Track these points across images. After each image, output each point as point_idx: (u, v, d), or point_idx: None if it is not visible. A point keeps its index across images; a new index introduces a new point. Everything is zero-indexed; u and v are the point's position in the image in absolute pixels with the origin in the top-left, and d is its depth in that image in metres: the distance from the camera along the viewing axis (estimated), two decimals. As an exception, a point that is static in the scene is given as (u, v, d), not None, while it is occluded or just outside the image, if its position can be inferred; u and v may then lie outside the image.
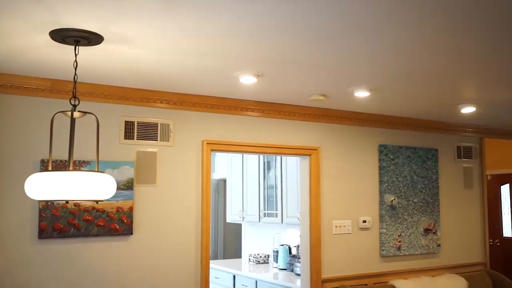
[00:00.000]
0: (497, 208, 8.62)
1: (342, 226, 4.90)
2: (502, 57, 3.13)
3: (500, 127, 6.06)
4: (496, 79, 3.73)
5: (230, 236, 7.99)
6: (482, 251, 6.00)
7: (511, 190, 8.46)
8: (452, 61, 3.23)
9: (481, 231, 6.02)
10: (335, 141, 4.96)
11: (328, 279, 4.74)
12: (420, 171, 5.45)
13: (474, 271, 5.72)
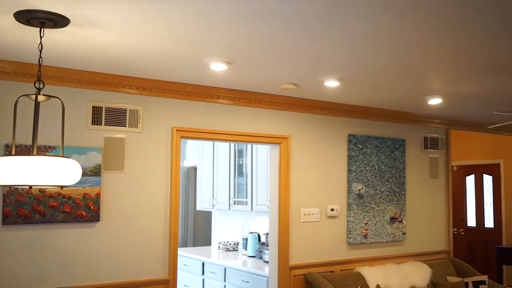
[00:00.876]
0: (462, 198, 8.85)
1: (311, 214, 4.96)
2: (468, 50, 3.20)
3: (466, 119, 6.20)
4: (462, 72, 3.80)
5: (200, 223, 8.00)
6: (446, 239, 6.15)
7: (476, 181, 8.69)
8: (419, 54, 3.28)
9: (445, 220, 6.17)
10: (305, 130, 5.00)
11: (295, 266, 4.80)
12: (387, 161, 5.54)
13: (438, 259, 5.87)
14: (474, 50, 3.20)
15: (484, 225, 8.55)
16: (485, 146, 8.33)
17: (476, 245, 8.58)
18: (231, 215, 6.76)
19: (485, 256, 8.40)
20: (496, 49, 3.18)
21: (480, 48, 3.15)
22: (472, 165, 8.69)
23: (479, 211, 8.63)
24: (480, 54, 3.31)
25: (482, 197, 8.58)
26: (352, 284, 4.79)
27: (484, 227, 8.54)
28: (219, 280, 5.63)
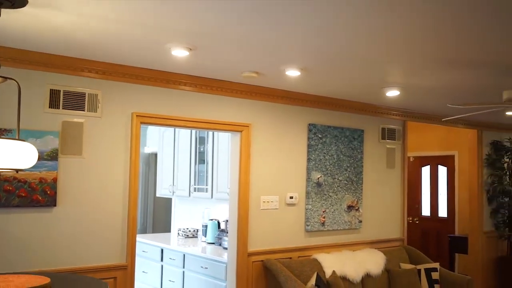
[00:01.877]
0: (418, 188, 9.12)
1: (270, 202, 5.02)
2: (424, 44, 3.30)
3: (422, 111, 6.38)
4: (418, 65, 3.92)
5: (160, 210, 7.97)
6: (400, 228, 6.34)
7: (431, 171, 8.96)
8: (377, 46, 3.36)
9: (400, 209, 6.35)
10: (266, 119, 5.05)
11: (254, 253, 4.87)
12: (346, 150, 5.66)
13: (392, 247, 6.05)
14: (429, 44, 3.30)
15: (438, 215, 8.84)
16: (440, 138, 8.59)
17: (430, 233, 8.87)
18: (191, 202, 6.77)
19: (438, 244, 8.70)
20: (449, 44, 3.29)
21: (434, 42, 3.26)
22: (428, 156, 8.96)
23: (434, 201, 8.92)
24: (435, 48, 3.41)
25: (437, 187, 8.86)
26: (309, 270, 4.89)
27: (438, 216, 8.83)
28: (178, 266, 5.65)
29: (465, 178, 7.89)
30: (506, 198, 7.46)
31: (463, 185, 8.15)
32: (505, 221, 7.45)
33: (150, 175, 7.94)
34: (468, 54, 3.55)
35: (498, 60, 3.70)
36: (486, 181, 7.46)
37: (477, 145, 7.41)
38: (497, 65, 3.85)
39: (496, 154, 7.50)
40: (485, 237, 7.40)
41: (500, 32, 3.03)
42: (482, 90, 4.80)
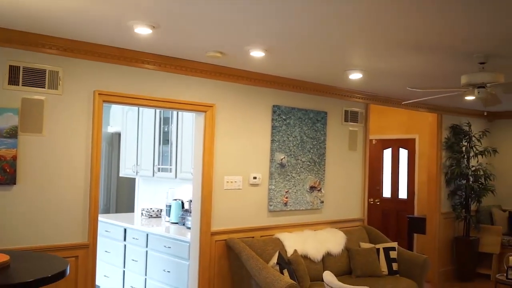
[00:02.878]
0: (380, 170, 9.32)
1: (233, 182, 5.07)
2: (388, 27, 3.36)
3: (384, 95, 6.50)
4: (380, 49, 3.99)
5: (123, 190, 7.92)
6: (361, 208, 6.50)
7: (392, 154, 9.17)
8: (340, 28, 3.40)
9: (361, 190, 6.50)
10: (231, 99, 5.06)
11: (217, 232, 4.91)
12: (309, 132, 5.73)
13: (353, 226, 6.20)
14: (392, 28, 3.37)
15: (398, 196, 9.08)
16: (402, 122, 8.79)
17: (390, 214, 9.12)
18: (155, 182, 6.76)
19: (398, 224, 8.96)
20: (411, 28, 3.36)
21: (397, 26, 3.33)
22: (390, 139, 9.16)
23: (394, 183, 9.15)
24: (397, 33, 3.49)
25: (398, 169, 9.09)
26: (271, 249, 4.97)
27: (398, 198, 9.08)
28: (141, 246, 5.65)
29: (425, 161, 8.11)
30: (463, 180, 7.71)
31: (422, 167, 8.39)
32: (462, 203, 7.71)
33: (113, 155, 7.87)
34: (429, 39, 3.64)
35: (458, 45, 3.81)
36: (444, 164, 7.69)
37: (437, 128, 7.62)
38: (457, 51, 3.96)
39: (455, 138, 7.73)
40: (442, 218, 7.65)
41: (461, 18, 3.12)
42: (442, 75, 4.93)
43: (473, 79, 4.04)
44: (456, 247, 7.77)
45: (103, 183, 7.74)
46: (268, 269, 4.53)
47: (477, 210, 8.00)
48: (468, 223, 7.65)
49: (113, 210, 7.87)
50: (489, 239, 7.78)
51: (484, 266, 7.85)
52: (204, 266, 4.81)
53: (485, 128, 8.18)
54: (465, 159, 7.69)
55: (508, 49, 3.87)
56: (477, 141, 7.76)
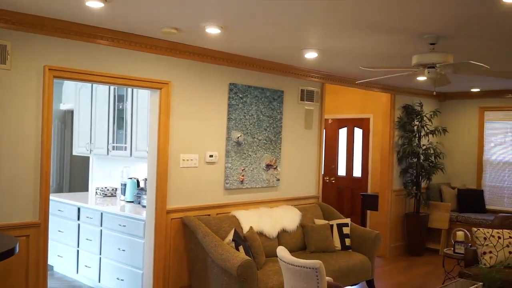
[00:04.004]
0: (335, 149, 9.49)
1: (189, 160, 5.05)
2: (343, 7, 3.39)
3: (339, 74, 6.59)
4: (336, 28, 4.03)
5: (77, 169, 7.77)
6: (316, 186, 6.61)
7: (347, 133, 9.34)
8: (295, 6, 3.41)
9: (316, 168, 6.61)
10: (187, 77, 5.01)
11: (173, 210, 4.91)
12: (266, 110, 5.76)
13: (308, 204, 6.32)
14: (346, 8, 3.40)
15: (353, 175, 9.28)
16: (357, 102, 8.94)
17: (345, 192, 9.33)
18: (109, 161, 6.66)
19: (352, 202, 9.18)
20: (365, 8, 3.41)
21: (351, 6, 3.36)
22: (345, 119, 9.31)
23: (349, 161, 9.34)
24: (352, 13, 3.53)
25: (353, 148, 9.27)
26: (227, 226, 5.01)
27: (353, 176, 9.28)
28: (95, 225, 5.58)
29: (379, 140, 8.30)
30: (414, 159, 7.95)
31: (376, 146, 8.59)
32: (413, 180, 7.97)
33: (66, 133, 7.68)
34: (383, 20, 3.70)
35: (410, 26, 3.89)
36: (397, 143, 7.91)
37: (390, 108, 7.80)
38: (409, 32, 4.05)
39: (407, 117, 7.94)
40: (394, 195, 7.89)
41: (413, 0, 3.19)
42: (395, 55, 5.03)
43: (423, 60, 4.15)
44: (406, 223, 8.05)
45: (56, 162, 7.57)
46: (224, 246, 4.57)
47: (427, 187, 8.29)
48: (419, 200, 7.92)
49: (66, 190, 7.72)
50: (438, 215, 8.09)
51: (433, 241, 8.17)
52: (159, 244, 4.81)
53: (436, 108, 8.43)
54: (417, 138, 7.92)
55: (457, 31, 3.98)
56: (428, 121, 8.00)
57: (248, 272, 4.29)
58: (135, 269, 5.08)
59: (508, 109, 8.18)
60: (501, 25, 3.79)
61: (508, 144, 8.23)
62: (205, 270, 4.75)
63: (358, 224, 7.02)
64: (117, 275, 5.28)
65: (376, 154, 8.53)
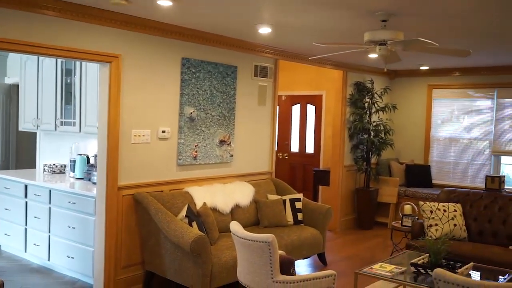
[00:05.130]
0: (288, 126, 9.56)
1: (141, 136, 4.97)
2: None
3: (293, 51, 6.59)
4: (289, 3, 4.00)
5: (24, 145, 7.51)
6: (269, 162, 6.66)
7: (301, 110, 9.41)
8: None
9: (270, 144, 6.64)
10: (138, 51, 4.89)
11: (124, 186, 4.83)
12: (219, 86, 5.72)
13: (261, 179, 6.36)
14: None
15: (305, 151, 9.41)
16: (310, 79, 9.02)
17: (298, 168, 9.45)
18: (58, 137, 6.47)
19: (305, 177, 9.32)
20: (317, -18, 3.41)
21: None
22: (299, 96, 9.38)
23: (302, 138, 9.44)
24: (304, -14, 3.52)
25: (305, 125, 9.37)
26: (180, 202, 4.99)
27: (305, 152, 9.40)
28: (44, 202, 5.43)
29: (331, 116, 8.42)
30: (365, 135, 8.12)
31: (328, 123, 8.71)
32: (363, 156, 8.15)
33: (12, 108, 7.39)
34: (334, -6, 3.71)
35: (362, 3, 3.92)
36: (348, 119, 8.04)
37: (342, 85, 7.90)
38: (361, 8, 4.08)
39: (358, 94, 8.07)
40: (345, 170, 8.05)
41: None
42: (348, 31, 5.07)
43: (375, 36, 4.20)
44: (357, 197, 8.25)
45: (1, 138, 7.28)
46: (177, 222, 4.55)
47: (377, 163, 8.51)
48: (369, 175, 8.13)
49: (12, 166, 7.46)
50: (387, 190, 8.33)
51: (382, 215, 8.43)
52: (111, 221, 4.74)
53: (386, 85, 8.61)
54: (367, 114, 8.08)
55: (408, 8, 4.05)
56: (379, 98, 8.16)
57: (201, 248, 4.30)
58: (85, 247, 5.00)
59: (455, 87, 8.45)
60: (449, 4, 3.88)
61: (454, 121, 8.53)
62: (158, 246, 4.72)
63: (310, 199, 7.15)
64: (67, 253, 5.18)
65: (328, 130, 8.66)
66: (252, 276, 3.41)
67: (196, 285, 4.40)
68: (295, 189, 7.30)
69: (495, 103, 8.03)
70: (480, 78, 8.12)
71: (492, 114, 8.07)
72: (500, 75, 7.87)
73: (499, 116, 8.01)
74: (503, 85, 7.92)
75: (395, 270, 4.13)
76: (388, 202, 8.31)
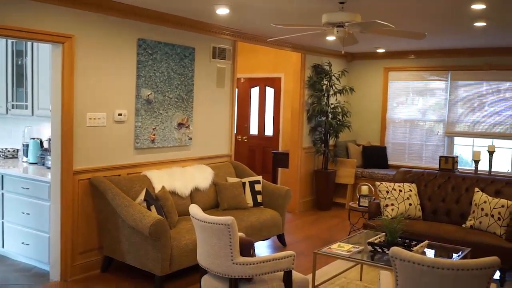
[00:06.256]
0: (247, 108, 9.54)
1: (97, 119, 4.85)
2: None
3: (252, 32, 6.55)
4: (246, -18, 3.97)
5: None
6: (228, 144, 6.64)
7: (260, 92, 9.40)
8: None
9: (229, 127, 6.61)
10: (93, 31, 4.74)
11: (80, 171, 4.72)
12: (177, 68, 5.63)
13: (220, 162, 6.34)
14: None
15: (265, 133, 9.43)
16: (269, 61, 9.00)
17: (257, 150, 9.47)
18: (9, 120, 6.23)
19: (264, 160, 9.35)
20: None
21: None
22: (258, 78, 9.36)
23: (261, 120, 9.45)
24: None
25: (264, 108, 9.37)
26: (138, 186, 4.92)
27: (264, 135, 9.42)
28: (-4, 188, 5.26)
29: (289, 99, 8.45)
30: (323, 117, 8.20)
31: (287, 105, 8.74)
32: (322, 138, 8.24)
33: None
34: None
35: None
36: (307, 102, 8.09)
37: (300, 68, 7.93)
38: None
39: (316, 77, 8.11)
40: (304, 152, 8.12)
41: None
42: (306, 13, 5.07)
43: (332, 18, 4.22)
44: (315, 179, 8.35)
45: None
46: (135, 206, 4.49)
47: (335, 144, 8.62)
48: (327, 157, 8.23)
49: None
50: (345, 171, 8.46)
51: (340, 196, 8.57)
52: (66, 206, 4.62)
53: (344, 68, 8.69)
54: (325, 97, 8.15)
55: (365, -10, 4.07)
56: (337, 80, 8.24)
57: (160, 232, 4.26)
58: (41, 233, 4.87)
59: (410, 70, 8.62)
60: (406, -14, 3.92)
61: (409, 103, 8.71)
62: (116, 231, 4.65)
63: (269, 181, 7.19)
64: (22, 239, 5.03)
65: (287, 113, 8.69)
66: (212, 258, 3.41)
67: (156, 269, 4.37)
68: (255, 172, 7.33)
69: (449, 85, 8.24)
70: (435, 61, 8.31)
71: (446, 96, 8.28)
72: (454, 58, 8.08)
73: (453, 98, 8.23)
74: (456, 68, 8.12)
75: (352, 249, 4.21)
76: (345, 183, 8.45)
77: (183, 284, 4.72)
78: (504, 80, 7.74)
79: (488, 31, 5.94)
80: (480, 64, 7.85)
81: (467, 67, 8.01)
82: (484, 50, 7.69)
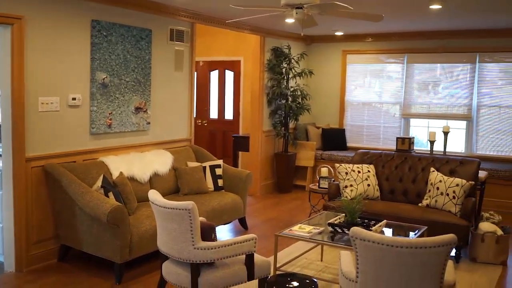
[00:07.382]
0: (207, 92, 9.44)
1: (50, 103, 4.68)
2: None
3: (210, 14, 6.44)
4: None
5: None
6: (188, 129, 6.54)
7: (219, 76, 9.31)
8: None
9: (188, 111, 6.52)
10: (43, 12, 4.54)
11: (33, 158, 4.55)
12: (133, 50, 5.48)
13: (180, 147, 6.25)
14: None
15: (225, 117, 9.36)
16: (228, 44, 8.91)
17: (217, 134, 9.41)
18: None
19: (224, 144, 9.31)
20: None
21: None
22: (217, 61, 9.25)
23: (221, 104, 9.38)
24: None
25: (224, 91, 9.29)
26: (95, 173, 4.79)
27: (225, 118, 9.36)
28: None
29: (249, 82, 8.40)
30: (283, 100, 8.20)
31: (247, 89, 8.70)
32: (282, 121, 8.24)
33: None
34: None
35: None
36: (266, 85, 8.06)
37: (260, 51, 7.87)
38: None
39: (276, 60, 8.09)
40: (264, 136, 8.11)
41: None
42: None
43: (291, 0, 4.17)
44: (276, 162, 8.37)
45: None
46: (92, 193, 4.38)
47: (295, 127, 8.65)
48: (287, 140, 8.25)
49: None
50: (305, 154, 8.52)
51: (300, 178, 8.63)
52: (19, 195, 4.46)
53: (303, 51, 8.69)
54: (285, 80, 8.14)
55: (323, -29, 4.04)
56: (296, 63, 8.23)
57: (118, 218, 4.17)
58: (-7, 223, 4.69)
59: (368, 53, 8.70)
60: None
61: (367, 86, 8.81)
62: (73, 219, 4.53)
63: (230, 165, 7.15)
64: (-27, 230, 4.84)
65: (247, 96, 8.65)
66: (172, 244, 3.36)
67: (115, 256, 4.28)
68: (215, 156, 7.27)
69: (405, 68, 8.38)
70: (392, 44, 8.41)
71: (402, 78, 8.42)
72: (410, 41, 8.20)
73: (409, 81, 8.37)
74: (412, 51, 8.26)
75: (313, 230, 4.24)
76: (305, 165, 8.51)
77: (144, 271, 4.65)
78: (458, 62, 7.92)
79: (443, 14, 6.04)
80: (435, 46, 8.00)
81: (423, 50, 8.15)
82: (439, 33, 7.84)
